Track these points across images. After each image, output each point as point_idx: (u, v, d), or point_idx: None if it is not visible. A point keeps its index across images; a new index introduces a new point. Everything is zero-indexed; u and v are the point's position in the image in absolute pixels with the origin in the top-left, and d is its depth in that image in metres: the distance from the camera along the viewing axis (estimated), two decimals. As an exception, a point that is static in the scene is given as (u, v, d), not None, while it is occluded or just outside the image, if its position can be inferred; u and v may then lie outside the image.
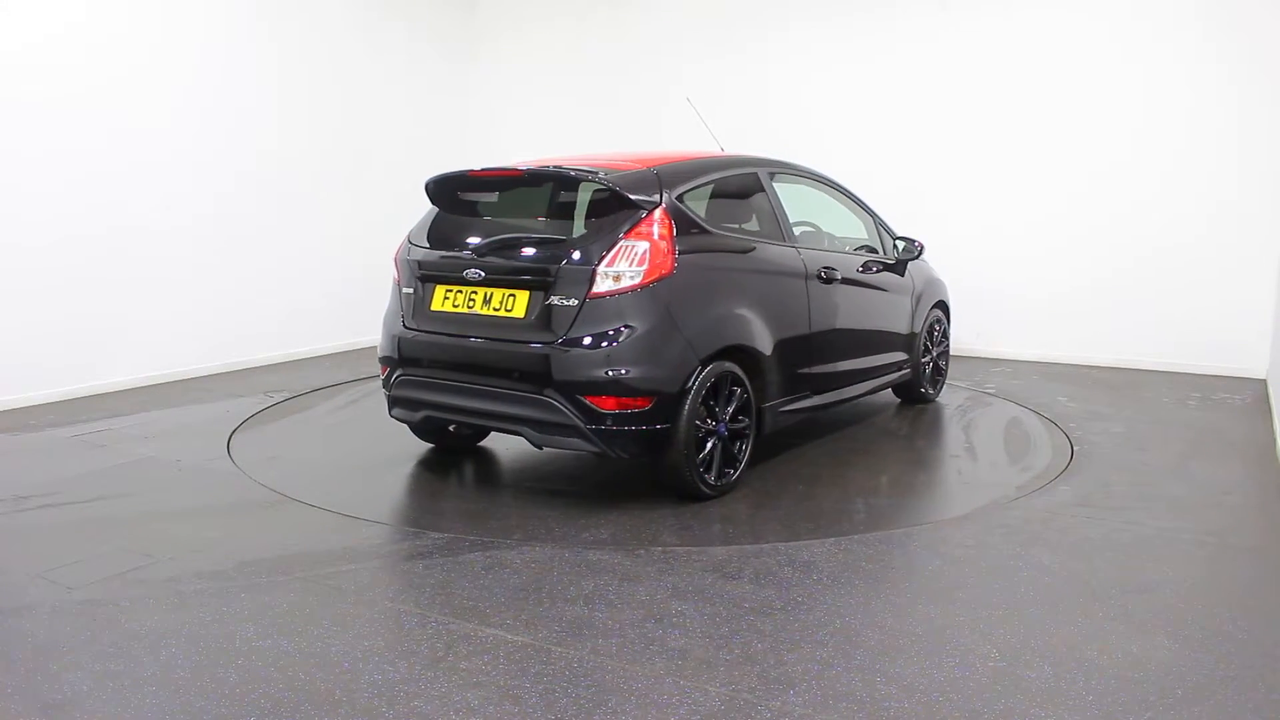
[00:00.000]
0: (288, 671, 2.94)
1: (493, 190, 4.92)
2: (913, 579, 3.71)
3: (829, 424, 6.08)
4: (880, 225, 6.16)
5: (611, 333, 4.22)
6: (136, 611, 3.35)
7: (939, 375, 6.78)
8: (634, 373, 4.20)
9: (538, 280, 4.36)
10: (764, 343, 4.75)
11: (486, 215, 4.87)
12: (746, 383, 4.65)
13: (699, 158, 5.03)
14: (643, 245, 4.28)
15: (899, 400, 6.73)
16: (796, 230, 5.93)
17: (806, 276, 5.13)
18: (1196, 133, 7.46)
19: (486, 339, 4.47)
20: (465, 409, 4.59)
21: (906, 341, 6.23)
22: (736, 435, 4.67)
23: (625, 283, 4.23)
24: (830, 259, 5.42)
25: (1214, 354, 7.54)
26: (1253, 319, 7.35)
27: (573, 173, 4.57)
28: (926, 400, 6.65)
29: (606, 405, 4.21)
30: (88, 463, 5.13)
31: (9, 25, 6.16)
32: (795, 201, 5.88)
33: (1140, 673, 2.96)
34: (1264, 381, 7.27)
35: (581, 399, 4.21)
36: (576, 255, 4.30)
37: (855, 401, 6.39)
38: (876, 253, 6.06)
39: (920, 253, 6.21)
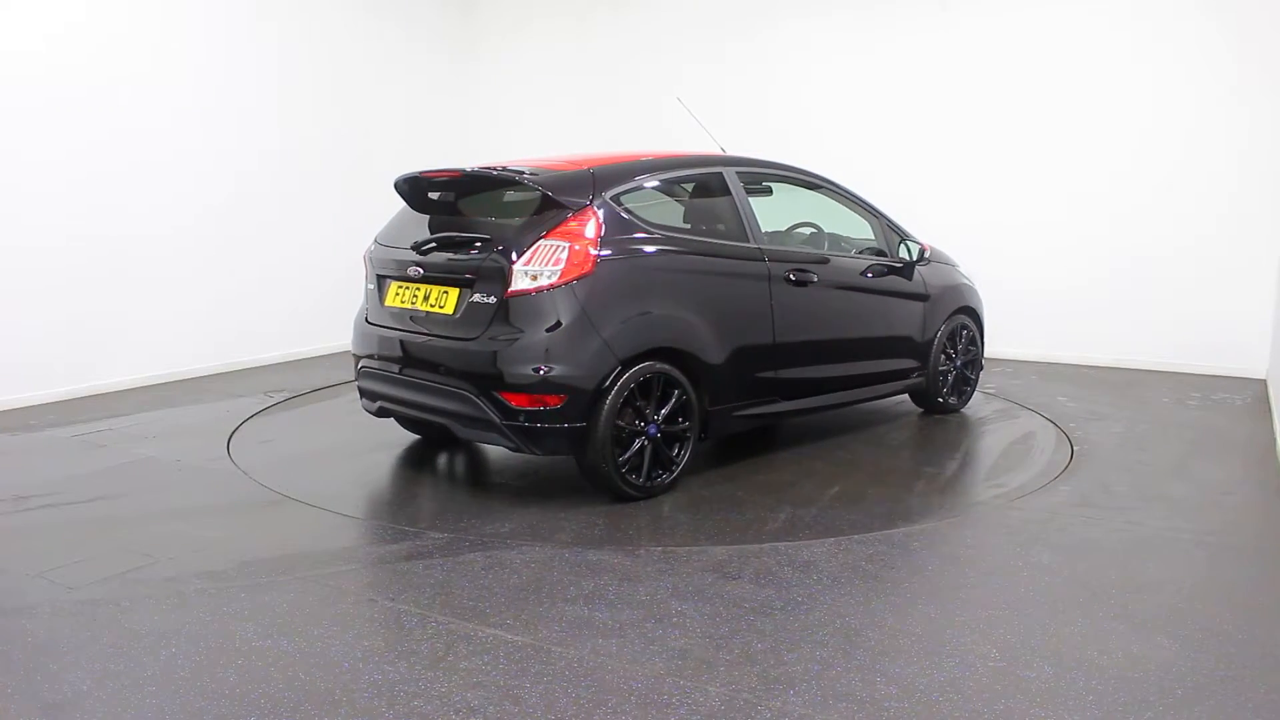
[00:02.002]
0: (288, 671, 2.94)
1: (440, 191, 5.00)
2: (913, 579, 3.71)
3: (820, 431, 6.00)
4: (890, 227, 5.92)
5: (525, 330, 4.30)
6: (136, 611, 3.35)
7: (964, 385, 6.40)
8: (543, 371, 4.26)
9: (465, 278, 4.49)
10: (707, 345, 4.70)
11: (434, 215, 4.96)
12: (687, 385, 4.63)
13: (653, 157, 5.02)
14: (561, 245, 4.33)
15: (920, 410, 6.39)
16: (805, 230, 5.91)
17: (770, 279, 5.01)
18: (1197, 133, 7.46)
19: (424, 334, 4.65)
20: (407, 401, 4.80)
21: (917, 348, 5.97)
22: (676, 437, 4.66)
23: (542, 281, 4.30)
24: (807, 261, 5.27)
25: (1214, 354, 7.54)
26: (1253, 319, 7.34)
27: (506, 174, 4.64)
28: (949, 410, 6.30)
29: (519, 402, 4.29)
30: (88, 463, 5.13)
31: (9, 26, 6.16)
32: (795, 203, 5.85)
33: (1140, 673, 2.96)
34: (1264, 381, 7.27)
35: (496, 395, 4.32)
36: (498, 254, 4.39)
37: (862, 409, 6.32)
38: (884, 255, 5.83)
39: (922, 256, 5.93)
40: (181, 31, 7.18)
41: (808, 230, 5.92)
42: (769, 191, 5.62)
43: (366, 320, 5.04)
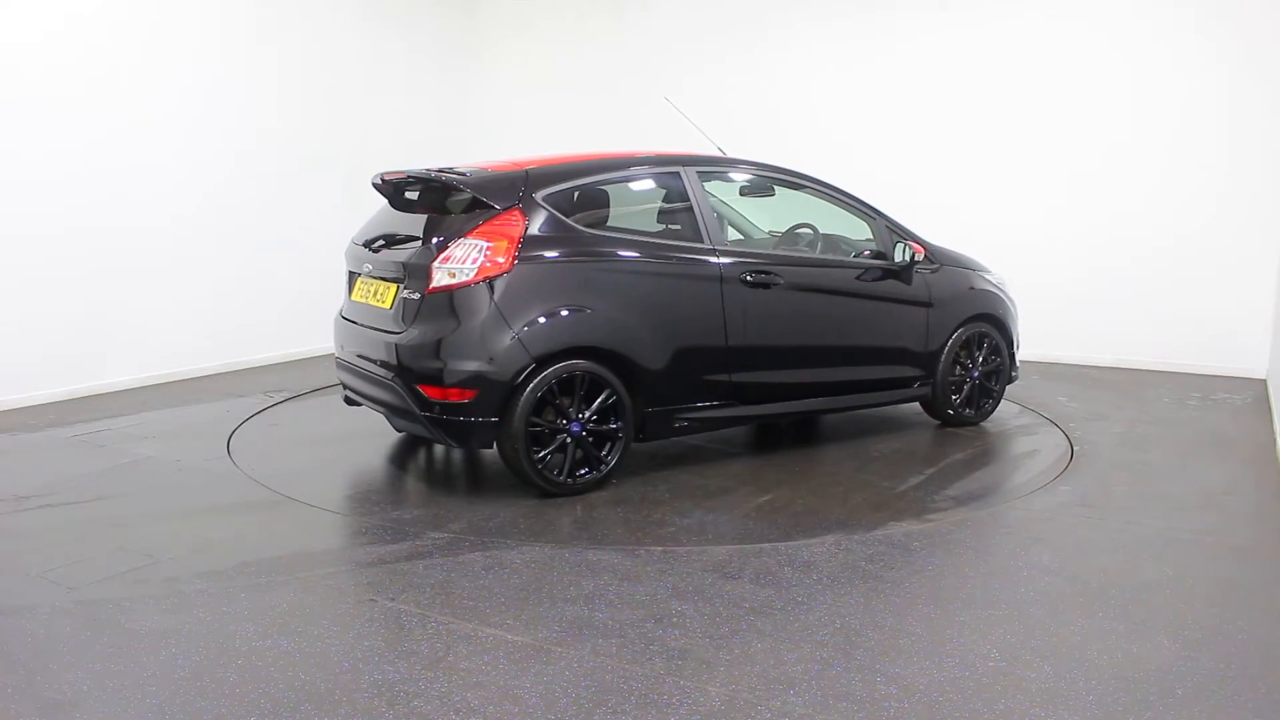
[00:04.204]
0: (288, 671, 2.94)
1: (397, 192, 5.15)
2: (913, 579, 3.71)
3: (804, 437, 5.92)
4: (892, 229, 5.64)
5: (440, 325, 4.47)
6: (136, 611, 3.35)
7: (985, 396, 6.01)
8: (456, 365, 4.42)
9: (399, 276, 4.70)
10: (641, 345, 4.70)
11: (391, 215, 5.13)
12: (617, 385, 4.65)
13: (605, 158, 5.10)
14: (479, 243, 4.48)
15: (937, 422, 6.03)
16: (804, 231, 5.87)
17: (722, 280, 4.94)
18: (1195, 132, 7.46)
19: (370, 328, 4.87)
20: (363, 392, 5.02)
21: (919, 357, 5.68)
22: (608, 436, 4.70)
23: (459, 279, 4.46)
24: (775, 262, 5.16)
25: (1214, 354, 7.54)
26: (1253, 319, 7.34)
27: (441, 176, 4.78)
28: (964, 422, 5.94)
29: (434, 394, 4.48)
30: (88, 463, 5.13)
31: (8, 21, 6.15)
32: (780, 203, 5.80)
33: (1140, 673, 2.96)
34: (1264, 381, 7.27)
35: (415, 387, 4.51)
36: (424, 252, 4.58)
37: (871, 418, 6.14)
38: (883, 258, 5.60)
39: (914, 259, 5.59)
40: (180, 31, 7.16)
41: (805, 231, 5.86)
42: (771, 192, 5.60)
43: (340, 314, 5.31)
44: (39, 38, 6.31)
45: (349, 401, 5.33)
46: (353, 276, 5.20)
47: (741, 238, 5.99)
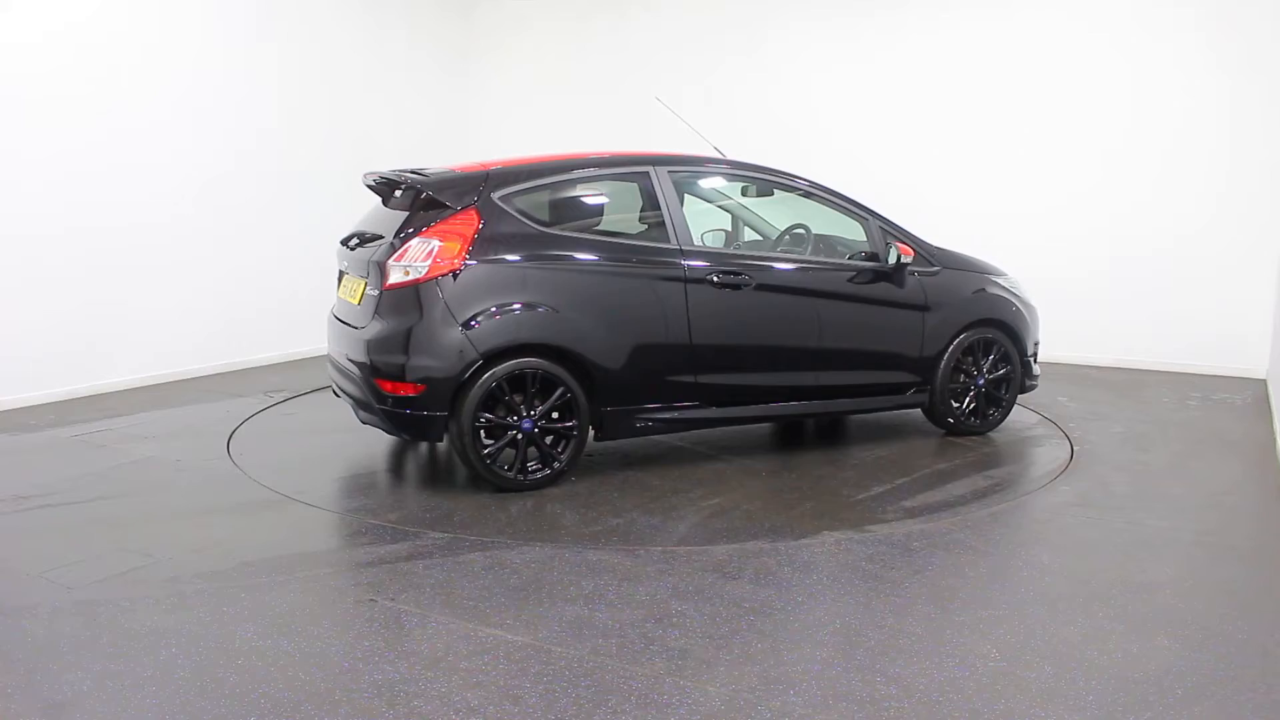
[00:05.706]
0: (288, 671, 2.94)
1: (377, 193, 5.34)
2: (913, 579, 3.71)
3: (793, 441, 5.90)
4: (887, 229, 5.46)
5: (393, 321, 4.63)
6: (136, 611, 3.35)
7: (992, 405, 5.76)
8: (404, 360, 4.57)
9: (366, 273, 4.85)
10: (597, 344, 4.74)
11: (372, 214, 5.30)
12: (571, 383, 4.70)
13: (572, 158, 5.16)
14: (433, 242, 4.62)
15: (942, 430, 5.80)
16: (799, 232, 5.86)
17: (686, 280, 4.91)
18: (1196, 133, 7.46)
19: (345, 323, 5.03)
20: (342, 386, 5.13)
21: (915, 362, 5.49)
22: (562, 434, 4.76)
23: (411, 276, 4.60)
24: (750, 263, 5.12)
25: (1214, 354, 7.54)
26: (1253, 319, 7.34)
27: (406, 176, 4.94)
28: (970, 431, 5.72)
29: (387, 388, 4.64)
30: (88, 463, 5.13)
31: (9, 21, 6.15)
32: (784, 206, 5.78)
33: (1140, 673, 2.96)
34: (1264, 381, 7.27)
35: (373, 380, 4.68)
36: (384, 250, 4.73)
37: (877, 425, 5.99)
38: (878, 260, 5.38)
39: (900, 261, 5.35)
40: (180, 33, 7.16)
41: (799, 233, 5.82)
42: (770, 193, 5.58)
43: (331, 311, 5.45)
44: (39, 38, 6.31)
45: (336, 394, 5.44)
46: (340, 274, 5.36)
47: (759, 238, 5.97)
